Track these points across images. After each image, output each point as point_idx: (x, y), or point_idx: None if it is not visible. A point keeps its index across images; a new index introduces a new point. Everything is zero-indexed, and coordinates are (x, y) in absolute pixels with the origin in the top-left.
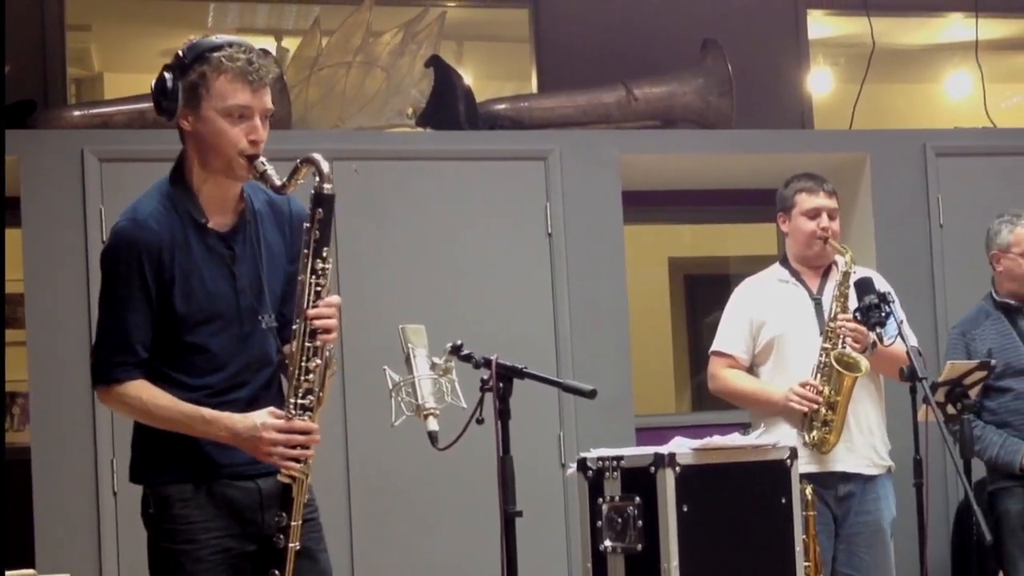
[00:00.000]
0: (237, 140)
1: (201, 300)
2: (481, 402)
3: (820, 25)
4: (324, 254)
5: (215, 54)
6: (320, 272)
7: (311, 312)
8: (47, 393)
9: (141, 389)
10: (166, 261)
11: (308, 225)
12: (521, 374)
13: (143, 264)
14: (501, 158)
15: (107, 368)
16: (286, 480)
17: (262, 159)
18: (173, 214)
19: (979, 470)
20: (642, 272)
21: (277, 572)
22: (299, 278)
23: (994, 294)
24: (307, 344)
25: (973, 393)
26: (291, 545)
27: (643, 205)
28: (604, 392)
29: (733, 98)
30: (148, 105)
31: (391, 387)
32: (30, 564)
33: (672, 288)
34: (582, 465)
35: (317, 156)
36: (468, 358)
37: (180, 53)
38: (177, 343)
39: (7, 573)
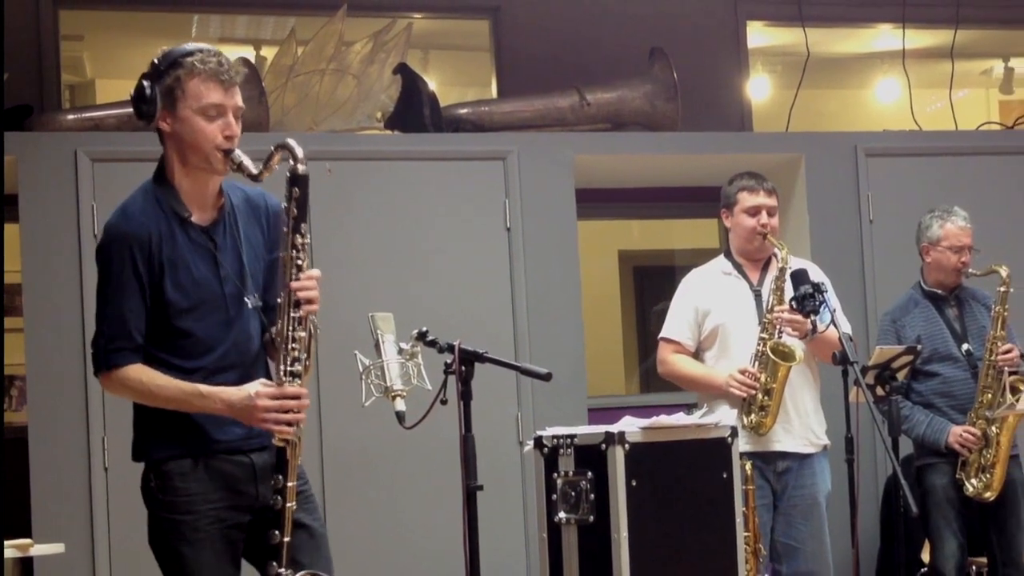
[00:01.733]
0: (213, 136)
1: (188, 288)
2: (445, 384)
3: (759, 35)
4: (303, 230)
5: (188, 59)
6: (300, 247)
7: (294, 284)
8: (43, 376)
9: (140, 372)
10: (155, 252)
11: (286, 205)
12: (482, 358)
13: (135, 256)
14: (463, 158)
15: (107, 355)
16: (280, 444)
17: (237, 151)
18: (158, 210)
19: (906, 447)
20: (594, 264)
21: (277, 532)
22: (281, 254)
23: (923, 284)
24: (292, 315)
25: (901, 376)
26: (288, 505)
27: (595, 202)
28: (559, 375)
29: (678, 103)
30: None
31: (361, 370)
32: (27, 534)
33: (622, 278)
34: (538, 442)
35: (290, 140)
36: (433, 343)
37: (155, 61)
38: (168, 329)
39: (6, 543)
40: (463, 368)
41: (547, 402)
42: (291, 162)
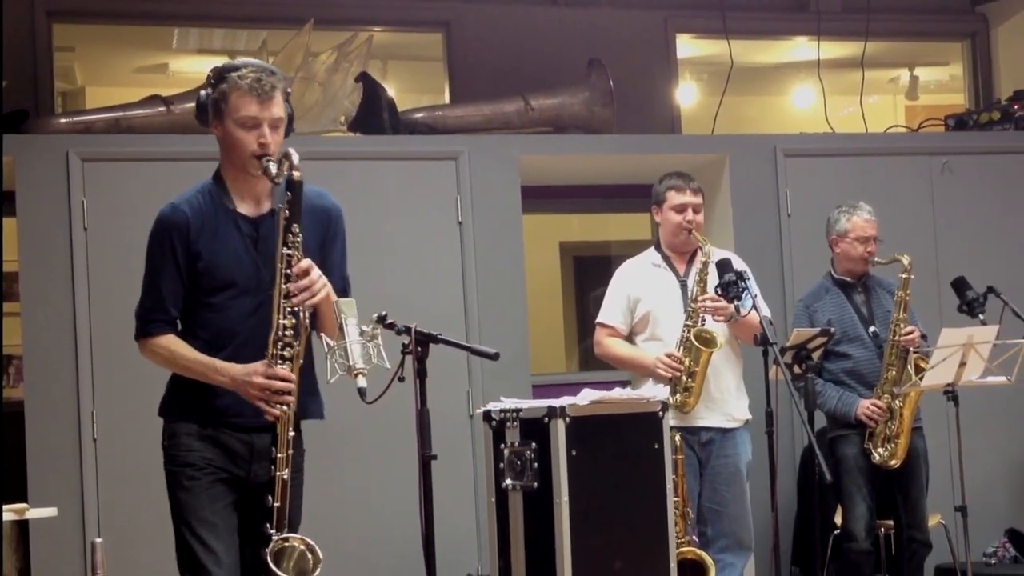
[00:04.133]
0: (249, 144)
1: (222, 268)
2: (402, 363)
3: (687, 47)
4: (294, 229)
5: (231, 74)
6: (291, 244)
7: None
8: (38, 355)
9: (169, 342)
10: (193, 237)
11: (282, 206)
12: (436, 339)
13: (173, 240)
14: (419, 158)
15: (144, 324)
16: (270, 419)
17: (266, 159)
18: (208, 201)
19: (820, 420)
20: (537, 254)
21: (271, 497)
22: (278, 248)
23: (833, 273)
24: (283, 303)
25: (816, 356)
26: (279, 474)
27: (538, 198)
28: (505, 355)
29: (614, 108)
30: (123, 113)
31: (326, 350)
32: (23, 499)
33: (563, 267)
34: (487, 416)
35: (290, 150)
36: (391, 326)
37: (209, 75)
38: (202, 303)
39: (4, 507)
40: (419, 348)
41: (495, 379)
42: (287, 168)
